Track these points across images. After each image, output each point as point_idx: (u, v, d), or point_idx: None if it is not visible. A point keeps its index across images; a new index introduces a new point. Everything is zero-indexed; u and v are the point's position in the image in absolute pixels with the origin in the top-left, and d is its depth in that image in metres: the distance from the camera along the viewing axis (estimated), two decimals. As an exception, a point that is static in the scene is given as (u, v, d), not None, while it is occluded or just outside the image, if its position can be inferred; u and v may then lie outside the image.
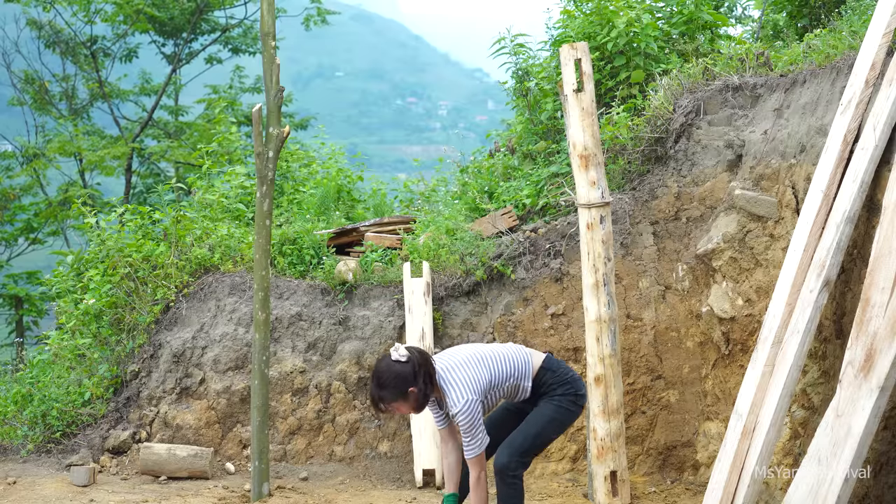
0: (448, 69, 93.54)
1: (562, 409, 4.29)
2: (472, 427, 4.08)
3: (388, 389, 4.06)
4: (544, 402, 4.30)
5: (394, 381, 4.05)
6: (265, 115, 5.70)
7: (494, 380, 4.20)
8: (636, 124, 6.38)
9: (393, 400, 4.07)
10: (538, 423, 4.26)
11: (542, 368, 4.33)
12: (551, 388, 4.31)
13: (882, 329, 3.70)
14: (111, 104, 15.11)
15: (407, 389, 4.05)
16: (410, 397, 4.08)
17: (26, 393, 6.71)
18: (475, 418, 4.08)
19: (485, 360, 4.21)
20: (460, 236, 6.59)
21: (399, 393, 4.06)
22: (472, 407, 4.07)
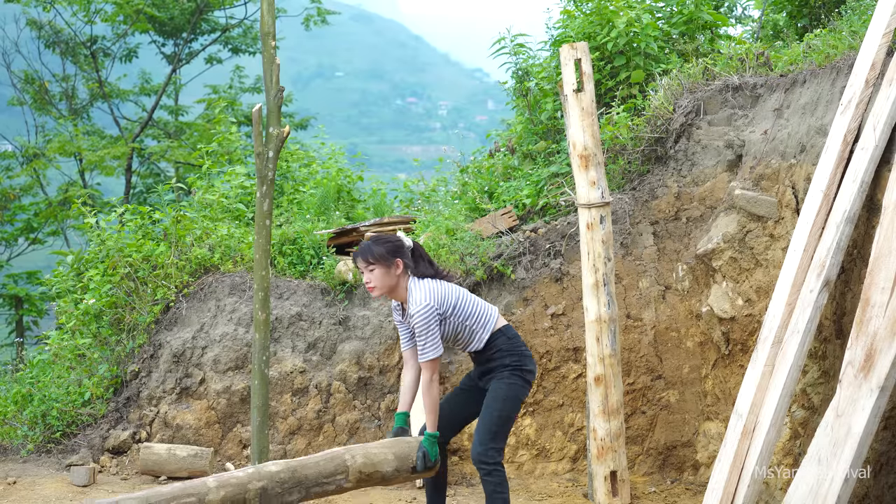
0: (448, 69, 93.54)
1: (513, 386, 4.42)
2: (427, 332, 4.28)
3: (382, 247, 4.36)
4: (494, 382, 4.44)
5: (390, 245, 4.38)
6: (265, 115, 5.70)
7: (458, 310, 4.39)
8: (636, 124, 6.38)
9: (379, 259, 4.33)
10: (496, 406, 4.39)
11: (500, 330, 4.49)
12: (502, 354, 4.45)
13: (882, 329, 3.70)
14: (111, 104, 15.11)
15: (395, 258, 4.34)
16: (393, 267, 4.34)
17: (26, 393, 6.71)
18: (430, 325, 4.28)
19: (454, 293, 4.43)
20: (460, 236, 6.59)
21: (388, 255, 4.34)
22: (430, 312, 4.29)
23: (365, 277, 4.40)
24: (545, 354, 6.23)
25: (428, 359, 4.31)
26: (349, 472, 4.02)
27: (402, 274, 4.39)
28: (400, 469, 4.20)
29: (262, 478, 3.77)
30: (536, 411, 6.24)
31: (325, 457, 4.03)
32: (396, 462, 4.19)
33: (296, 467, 3.89)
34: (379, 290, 4.38)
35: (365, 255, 4.37)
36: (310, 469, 3.92)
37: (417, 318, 4.29)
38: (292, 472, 3.84)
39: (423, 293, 4.34)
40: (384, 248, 4.36)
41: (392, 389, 6.32)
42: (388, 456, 4.17)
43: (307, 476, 3.89)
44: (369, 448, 4.18)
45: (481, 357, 4.51)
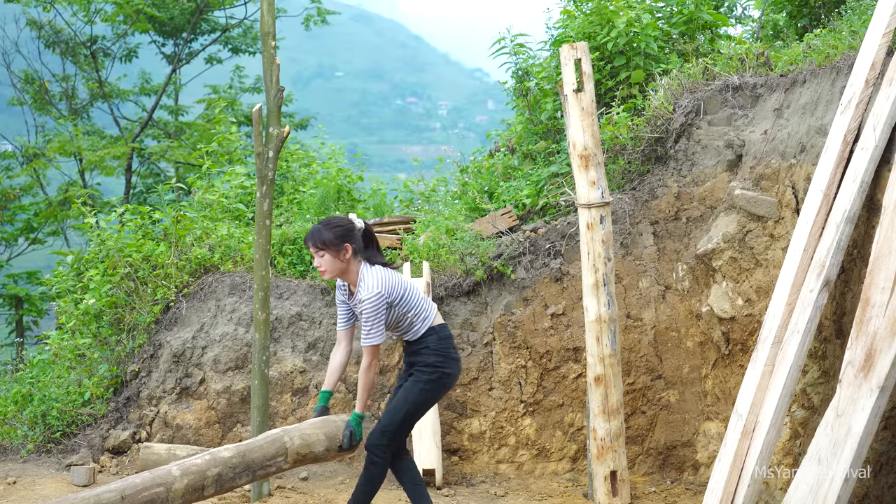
0: (448, 69, 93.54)
1: (430, 383, 4.58)
2: (374, 318, 4.42)
3: (332, 231, 4.45)
4: (412, 380, 4.60)
5: (340, 230, 4.47)
6: (265, 115, 5.70)
7: (404, 300, 4.53)
8: (636, 124, 6.38)
9: (329, 244, 4.44)
10: (405, 407, 4.58)
11: (435, 328, 4.65)
12: (429, 351, 4.60)
13: (882, 329, 3.70)
14: (111, 104, 15.10)
15: (344, 243, 4.44)
16: (342, 252, 4.44)
17: (26, 393, 6.71)
18: (379, 312, 4.41)
19: (402, 284, 4.57)
20: (460, 236, 6.59)
21: (338, 240, 4.44)
22: (379, 299, 4.42)
23: (315, 261, 4.50)
24: (545, 354, 6.23)
25: (371, 343, 4.45)
26: (288, 453, 4.25)
27: (352, 258, 4.48)
28: (330, 448, 4.43)
29: (218, 464, 4.02)
30: (536, 411, 6.24)
31: (267, 439, 4.25)
32: (327, 442, 4.42)
33: (244, 452, 4.14)
34: (329, 274, 4.49)
35: (314, 240, 4.48)
36: (256, 453, 4.16)
37: (367, 304, 4.42)
38: (242, 457, 4.11)
39: (375, 280, 4.46)
40: (333, 234, 4.45)
41: (392, 389, 6.32)
42: (320, 436, 4.40)
43: (254, 460, 4.14)
44: (303, 429, 4.38)
45: (411, 348, 4.67)
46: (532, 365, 6.24)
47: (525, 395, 6.25)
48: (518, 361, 6.25)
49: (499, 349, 6.29)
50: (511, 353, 6.27)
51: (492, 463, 6.22)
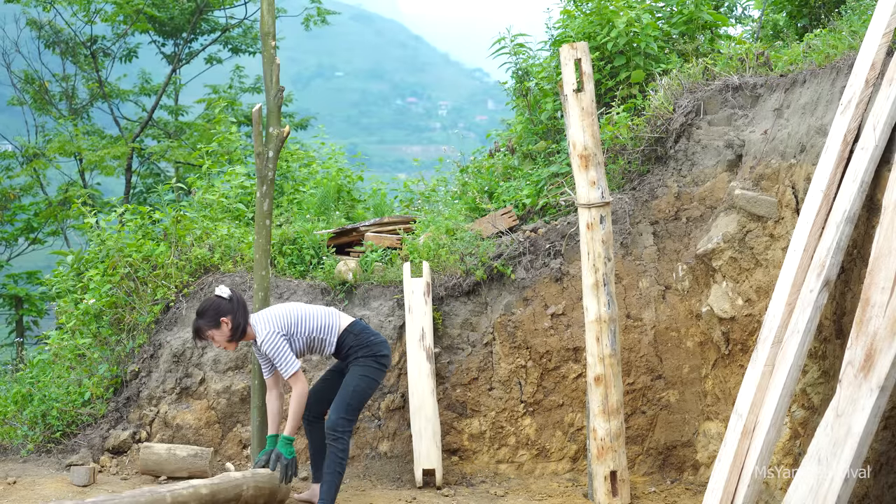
0: (448, 69, 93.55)
1: (368, 368, 5.05)
2: (279, 353, 4.83)
3: (206, 318, 4.83)
4: (352, 366, 5.06)
5: (211, 311, 4.84)
6: (265, 115, 5.70)
7: (301, 326, 4.95)
8: (636, 124, 6.38)
9: (208, 327, 4.83)
10: (353, 383, 5.01)
11: (346, 330, 5.05)
12: (354, 349, 5.06)
13: (882, 329, 3.70)
14: (111, 104, 15.10)
15: (220, 319, 4.81)
16: (224, 327, 4.83)
17: (26, 393, 6.71)
18: (279, 347, 4.83)
19: (293, 313, 4.99)
20: (460, 236, 6.59)
21: (214, 321, 4.82)
22: (274, 338, 4.83)
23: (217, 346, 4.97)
24: (545, 354, 6.23)
25: (291, 373, 4.85)
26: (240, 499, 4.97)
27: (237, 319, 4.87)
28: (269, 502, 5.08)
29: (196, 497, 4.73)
30: (536, 411, 6.24)
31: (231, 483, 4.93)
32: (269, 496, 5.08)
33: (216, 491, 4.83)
34: (232, 346, 4.93)
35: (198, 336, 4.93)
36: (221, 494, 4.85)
37: (267, 346, 4.83)
38: (213, 496, 4.80)
39: (263, 323, 4.89)
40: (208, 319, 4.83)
41: (392, 389, 6.32)
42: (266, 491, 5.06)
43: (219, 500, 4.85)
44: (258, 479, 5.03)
45: (339, 357, 5.13)
46: (532, 365, 6.24)
47: (525, 395, 6.25)
48: (518, 361, 6.25)
49: (499, 349, 6.29)
50: (511, 353, 6.27)
51: (492, 463, 6.22)
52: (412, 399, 6.02)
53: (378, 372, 5.10)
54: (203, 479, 4.97)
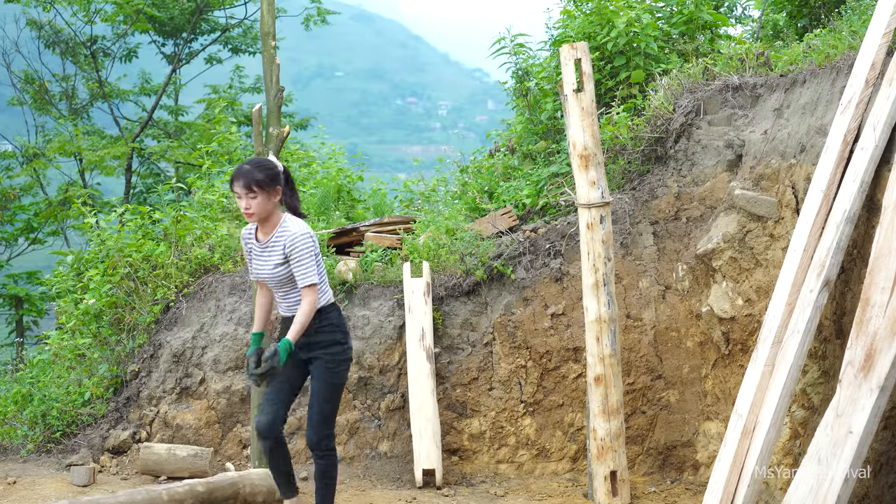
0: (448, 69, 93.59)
1: (340, 372, 4.50)
2: (309, 256, 4.32)
3: (265, 173, 4.32)
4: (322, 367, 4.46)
5: (272, 172, 4.36)
6: (265, 115, 5.70)
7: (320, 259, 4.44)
8: (636, 124, 6.38)
9: (263, 185, 4.30)
10: (327, 395, 4.48)
11: (334, 304, 4.55)
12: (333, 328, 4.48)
13: (882, 329, 3.70)
14: (111, 104, 15.10)
15: (276, 186, 4.35)
16: (274, 194, 4.35)
17: (26, 393, 6.71)
18: (311, 251, 4.32)
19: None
20: (460, 236, 6.59)
21: (271, 182, 4.33)
22: (311, 239, 4.34)
23: (243, 204, 4.32)
24: (545, 354, 6.23)
25: (312, 282, 4.32)
26: (238, 497, 4.96)
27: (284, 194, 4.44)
28: (267, 500, 5.05)
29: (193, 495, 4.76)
30: (536, 411, 6.24)
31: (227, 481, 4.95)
32: (267, 494, 5.05)
33: (212, 489, 4.84)
34: (257, 216, 4.36)
35: (248, 183, 4.29)
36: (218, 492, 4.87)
37: (300, 242, 4.31)
38: (210, 493, 4.81)
39: (303, 224, 4.41)
40: (265, 175, 4.32)
41: (392, 389, 6.32)
42: (263, 489, 5.06)
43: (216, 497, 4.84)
44: (253, 479, 5.02)
45: (311, 325, 4.43)
46: (532, 365, 6.24)
47: (525, 395, 6.25)
48: (518, 361, 6.25)
49: (499, 349, 6.30)
50: (511, 353, 6.27)
51: (492, 463, 6.22)
52: (412, 399, 6.02)
53: (347, 374, 4.60)
54: (201, 479, 4.99)
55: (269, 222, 4.40)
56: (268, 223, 4.41)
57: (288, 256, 4.35)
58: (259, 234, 4.45)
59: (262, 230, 4.44)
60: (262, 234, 4.44)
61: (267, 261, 4.43)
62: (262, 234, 4.44)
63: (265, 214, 4.36)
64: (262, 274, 4.46)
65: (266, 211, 4.35)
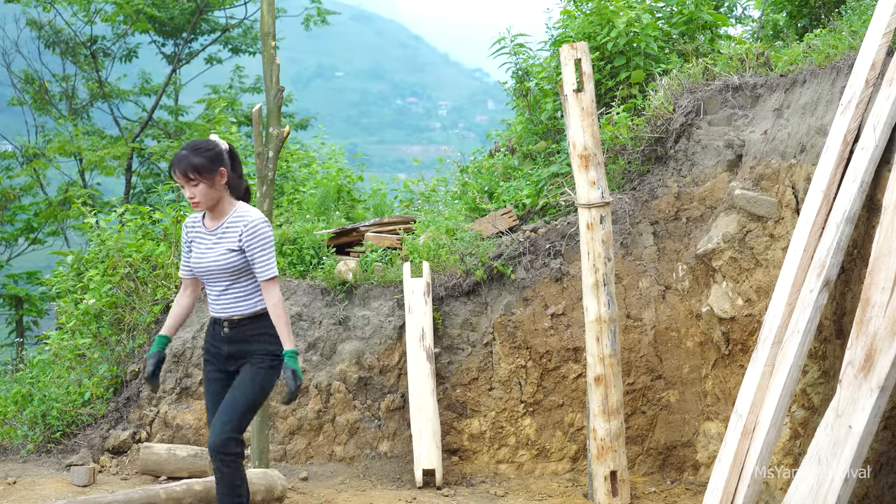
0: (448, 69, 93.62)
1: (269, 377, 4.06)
2: (267, 247, 3.97)
3: (205, 157, 3.95)
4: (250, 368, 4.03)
5: (212, 153, 3.98)
6: (265, 115, 5.70)
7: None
8: (636, 124, 6.38)
9: (204, 171, 3.94)
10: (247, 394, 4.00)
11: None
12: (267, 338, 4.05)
13: (882, 329, 3.70)
14: (111, 104, 15.11)
15: (219, 168, 3.98)
16: (218, 178, 3.99)
17: (26, 393, 6.71)
18: (270, 241, 3.98)
19: None
20: (460, 236, 6.59)
21: (212, 164, 3.96)
22: (268, 228, 3.99)
23: (187, 193, 3.97)
24: (545, 354, 6.23)
25: (273, 274, 3.97)
26: None
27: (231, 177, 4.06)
28: (266, 498, 5.11)
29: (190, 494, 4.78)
30: (536, 411, 6.24)
31: None
32: (265, 493, 5.11)
33: (210, 488, 4.79)
34: (204, 205, 4.00)
35: (186, 169, 3.93)
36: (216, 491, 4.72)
37: (261, 230, 3.96)
38: (207, 492, 4.78)
39: (258, 210, 4.07)
40: (205, 158, 3.95)
41: (392, 389, 6.32)
42: (261, 487, 5.11)
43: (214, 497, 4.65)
44: (251, 478, 4.95)
45: (241, 330, 4.04)
46: (532, 365, 6.24)
47: (525, 395, 6.25)
48: (518, 361, 6.25)
49: (499, 349, 6.29)
50: (511, 353, 6.27)
51: (492, 463, 6.22)
52: (412, 399, 6.02)
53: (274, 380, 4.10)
54: (199, 478, 5.00)
55: (218, 209, 4.05)
56: (217, 209, 4.05)
57: (244, 245, 3.98)
58: (207, 221, 4.10)
59: (210, 217, 4.09)
60: (211, 221, 4.08)
61: (214, 249, 4.03)
62: (211, 220, 4.08)
63: (213, 202, 4.01)
64: (204, 264, 4.04)
65: (213, 198, 4.00)
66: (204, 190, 3.96)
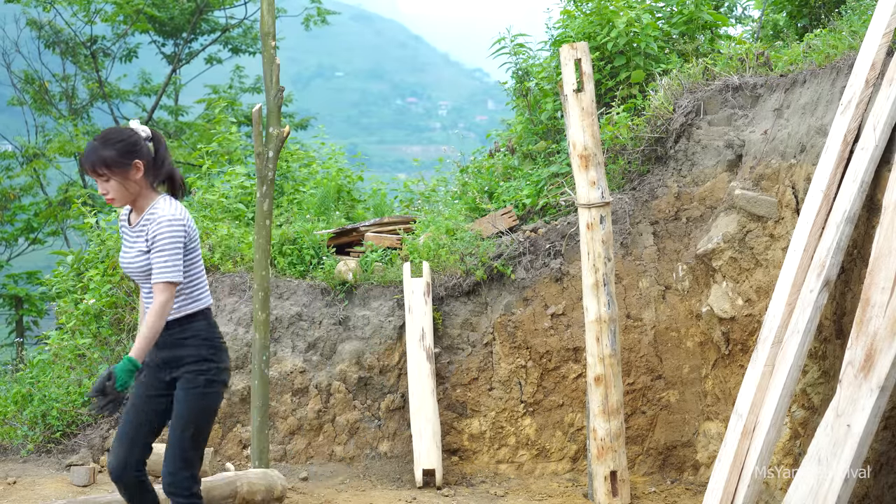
0: (448, 69, 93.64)
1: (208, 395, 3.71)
2: (171, 245, 3.56)
3: (114, 148, 3.57)
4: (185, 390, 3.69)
5: (124, 144, 3.59)
6: (265, 115, 5.70)
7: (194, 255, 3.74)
8: (636, 124, 6.38)
9: (115, 164, 3.56)
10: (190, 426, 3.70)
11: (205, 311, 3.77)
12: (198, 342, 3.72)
13: (882, 329, 3.70)
14: (111, 104, 15.11)
15: (133, 160, 3.59)
16: (133, 171, 3.60)
17: (26, 393, 6.71)
18: (176, 240, 3.56)
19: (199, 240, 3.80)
20: (460, 236, 6.59)
21: (125, 157, 3.57)
22: (179, 226, 3.59)
23: (100, 188, 3.61)
24: (545, 354, 6.23)
25: (169, 279, 3.54)
26: (236, 496, 4.97)
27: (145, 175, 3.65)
28: (266, 498, 5.09)
29: None
30: (536, 411, 6.24)
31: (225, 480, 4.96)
32: (265, 493, 5.08)
33: (209, 488, 4.80)
34: (120, 202, 3.66)
35: (94, 163, 3.57)
36: (216, 490, 4.86)
37: (164, 227, 3.56)
38: (207, 492, 4.73)
39: (176, 207, 3.65)
40: (116, 150, 3.57)
41: (392, 389, 6.32)
42: (261, 487, 5.09)
43: (213, 496, 4.81)
44: (251, 478, 5.06)
45: (170, 336, 3.69)
46: (532, 365, 6.24)
47: (525, 395, 6.25)
48: (518, 361, 6.25)
49: (499, 349, 6.29)
50: (511, 353, 6.27)
51: (492, 463, 6.22)
52: (412, 399, 6.02)
53: (219, 397, 3.77)
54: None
55: (138, 204, 3.69)
56: (137, 205, 3.70)
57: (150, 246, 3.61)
58: (132, 216, 3.76)
59: (135, 212, 3.74)
60: (135, 216, 3.74)
61: (132, 249, 3.69)
62: (135, 215, 3.74)
63: (130, 197, 3.65)
64: (124, 264, 3.73)
65: (130, 194, 3.64)
66: (116, 185, 3.61)
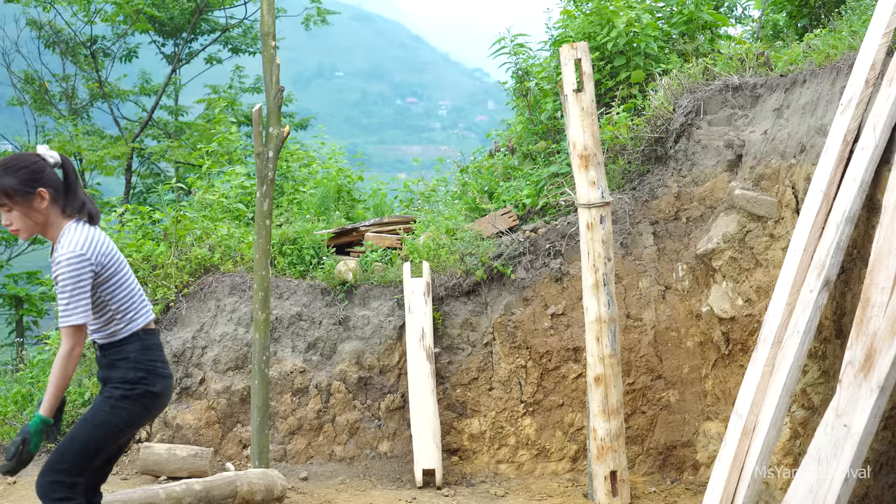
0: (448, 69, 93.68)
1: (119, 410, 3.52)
2: (72, 287, 3.31)
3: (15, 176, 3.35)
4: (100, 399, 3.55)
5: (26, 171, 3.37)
6: (265, 115, 5.70)
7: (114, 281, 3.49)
8: (636, 124, 6.38)
9: (16, 194, 3.34)
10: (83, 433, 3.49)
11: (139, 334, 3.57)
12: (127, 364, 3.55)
13: (882, 329, 3.70)
14: (111, 104, 15.10)
15: (36, 188, 3.37)
16: (37, 200, 3.38)
17: (26, 393, 6.71)
18: (79, 280, 3.32)
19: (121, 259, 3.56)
20: (460, 236, 6.59)
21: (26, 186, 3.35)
22: (80, 263, 3.33)
23: (3, 219, 3.42)
24: (545, 354, 6.23)
25: (72, 324, 3.32)
26: (236, 496, 5.02)
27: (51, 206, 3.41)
28: (266, 498, 5.15)
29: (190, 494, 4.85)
30: (536, 411, 6.24)
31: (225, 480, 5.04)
32: (265, 492, 5.15)
33: (209, 487, 4.91)
34: (25, 233, 3.42)
35: None
36: (216, 490, 4.96)
37: (64, 268, 3.31)
38: (207, 492, 4.88)
39: (81, 237, 3.38)
40: (17, 179, 3.35)
41: (392, 389, 6.32)
42: (261, 487, 5.14)
43: (213, 496, 4.92)
44: (251, 478, 5.12)
45: (104, 357, 3.57)
46: (532, 365, 6.24)
47: (525, 395, 6.25)
48: (518, 361, 6.25)
49: (499, 349, 6.29)
50: (511, 353, 6.27)
51: (492, 463, 6.22)
52: (412, 399, 6.02)
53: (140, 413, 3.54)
54: (199, 478, 5.02)
55: (49, 234, 3.46)
56: (49, 234, 3.47)
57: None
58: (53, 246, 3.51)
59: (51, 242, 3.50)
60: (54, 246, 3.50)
61: None
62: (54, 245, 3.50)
63: (35, 228, 3.42)
64: None
65: (35, 224, 3.41)
66: (18, 216, 3.39)
